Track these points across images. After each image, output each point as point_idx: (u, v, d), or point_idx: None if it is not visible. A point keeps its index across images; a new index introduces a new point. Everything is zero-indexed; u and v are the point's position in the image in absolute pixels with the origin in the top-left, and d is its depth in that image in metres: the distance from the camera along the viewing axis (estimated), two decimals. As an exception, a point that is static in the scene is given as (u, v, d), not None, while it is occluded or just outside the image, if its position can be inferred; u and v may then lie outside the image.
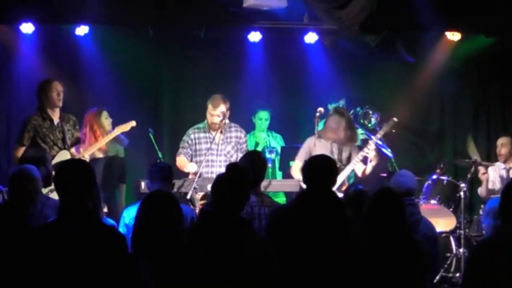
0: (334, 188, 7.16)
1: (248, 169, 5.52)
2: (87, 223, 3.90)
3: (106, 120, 8.40)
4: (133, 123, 8.15)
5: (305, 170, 5.10)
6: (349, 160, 7.99)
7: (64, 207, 3.93)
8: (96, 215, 4.06)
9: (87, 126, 8.24)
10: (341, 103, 9.52)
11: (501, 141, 9.37)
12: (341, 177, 7.71)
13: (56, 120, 7.85)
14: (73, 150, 7.94)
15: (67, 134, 7.85)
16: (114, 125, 8.39)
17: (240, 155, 7.68)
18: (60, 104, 7.86)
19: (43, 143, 7.74)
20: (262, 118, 9.45)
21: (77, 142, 8.02)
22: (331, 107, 9.57)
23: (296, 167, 7.96)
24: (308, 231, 4.78)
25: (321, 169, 5.03)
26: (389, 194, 4.67)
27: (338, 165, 7.42)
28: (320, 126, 8.93)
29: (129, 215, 6.24)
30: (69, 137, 7.88)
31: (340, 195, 6.75)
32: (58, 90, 7.83)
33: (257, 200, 5.67)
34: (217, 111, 7.86)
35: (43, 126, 7.78)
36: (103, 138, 8.06)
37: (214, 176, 7.69)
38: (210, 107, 7.93)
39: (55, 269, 3.80)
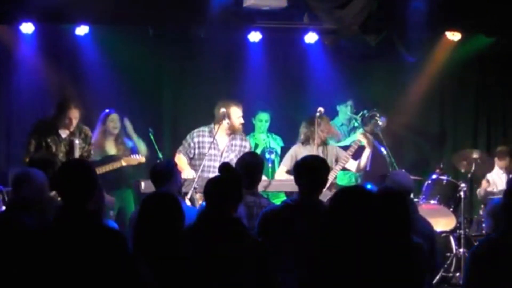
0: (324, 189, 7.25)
1: (247, 170, 5.53)
2: (87, 224, 3.89)
3: (110, 123, 8.46)
4: (142, 160, 8.23)
5: (296, 170, 5.10)
6: (336, 163, 8.08)
7: (64, 207, 3.93)
8: (96, 216, 4.06)
9: (99, 126, 8.47)
10: (349, 103, 9.52)
11: (500, 155, 9.35)
12: (329, 178, 7.74)
13: (64, 133, 7.85)
14: None
15: (77, 148, 7.84)
16: None
17: None
18: (71, 128, 7.86)
19: (46, 151, 7.75)
20: (262, 119, 9.44)
21: (89, 156, 8.02)
22: (339, 108, 9.59)
23: (281, 172, 8.22)
24: (297, 232, 4.77)
25: (311, 169, 5.02)
26: (392, 194, 4.67)
27: None
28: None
29: None
30: (79, 151, 7.88)
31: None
32: (71, 118, 7.82)
33: (254, 200, 5.68)
34: (241, 113, 7.93)
35: (48, 136, 7.80)
36: (106, 165, 8.07)
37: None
38: (236, 110, 7.91)
39: (55, 270, 3.79)
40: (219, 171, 4.91)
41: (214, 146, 7.86)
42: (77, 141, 7.86)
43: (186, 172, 7.66)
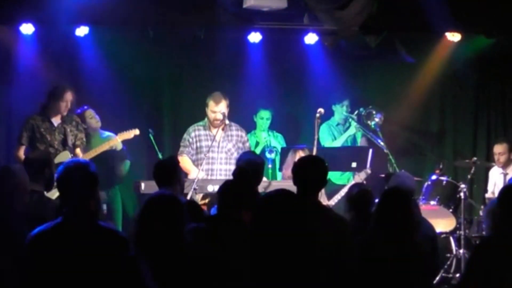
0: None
1: (253, 170, 5.54)
2: (89, 224, 3.89)
3: (91, 120, 8.48)
4: (136, 132, 8.22)
5: (294, 170, 5.08)
6: None
7: (66, 208, 3.93)
8: (97, 216, 4.06)
9: None
10: (345, 103, 9.52)
11: (498, 149, 9.25)
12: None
13: (56, 122, 7.83)
14: (78, 150, 7.94)
15: (69, 135, 7.83)
16: (114, 126, 8.44)
17: None
18: (66, 113, 7.85)
19: (39, 143, 7.73)
20: (264, 117, 9.46)
21: (82, 143, 8.01)
22: (335, 108, 9.60)
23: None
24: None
25: (309, 169, 5.00)
26: (399, 193, 4.68)
27: None
28: (322, 130, 9.05)
29: None
30: (72, 139, 7.87)
31: None
32: (67, 101, 7.82)
33: (254, 201, 5.67)
34: (219, 107, 7.93)
35: (41, 126, 7.78)
36: (102, 145, 8.05)
37: (214, 173, 7.73)
38: (211, 103, 7.99)
39: (57, 271, 3.79)
40: (233, 175, 4.91)
41: (210, 138, 7.92)
42: (68, 129, 7.85)
43: (194, 173, 7.63)
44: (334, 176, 9.06)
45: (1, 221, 4.87)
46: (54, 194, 6.03)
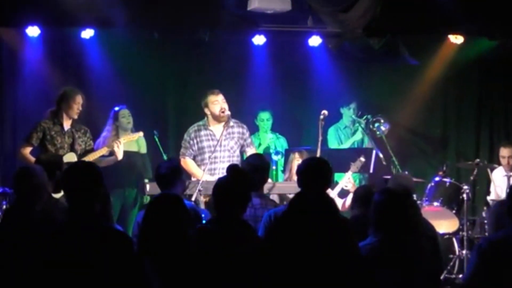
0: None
1: (252, 171, 5.54)
2: (94, 225, 3.92)
3: (123, 119, 8.53)
4: (140, 134, 8.23)
5: (298, 172, 5.10)
6: None
7: (71, 209, 3.96)
8: (103, 217, 4.08)
9: (111, 124, 8.55)
10: (352, 106, 9.56)
11: (507, 152, 9.24)
12: None
13: (67, 126, 7.88)
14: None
15: (77, 140, 7.88)
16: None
17: (247, 150, 7.76)
18: (76, 116, 7.90)
19: (50, 145, 7.78)
20: (264, 119, 9.48)
21: (90, 150, 8.03)
22: (342, 110, 9.64)
23: None
24: (306, 236, 4.77)
25: (313, 171, 5.02)
26: (391, 196, 4.70)
27: None
28: (330, 133, 9.08)
29: None
30: (79, 144, 7.91)
31: None
32: (79, 103, 7.86)
33: (260, 202, 5.69)
34: (219, 97, 7.91)
35: (52, 129, 7.82)
36: (101, 149, 8.05)
37: (217, 172, 7.75)
38: (211, 97, 7.91)
39: (62, 271, 3.82)
40: (227, 173, 4.91)
41: (211, 137, 7.91)
42: (77, 135, 7.90)
43: (198, 175, 7.62)
44: (340, 177, 9.08)
45: (23, 221, 4.91)
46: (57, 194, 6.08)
